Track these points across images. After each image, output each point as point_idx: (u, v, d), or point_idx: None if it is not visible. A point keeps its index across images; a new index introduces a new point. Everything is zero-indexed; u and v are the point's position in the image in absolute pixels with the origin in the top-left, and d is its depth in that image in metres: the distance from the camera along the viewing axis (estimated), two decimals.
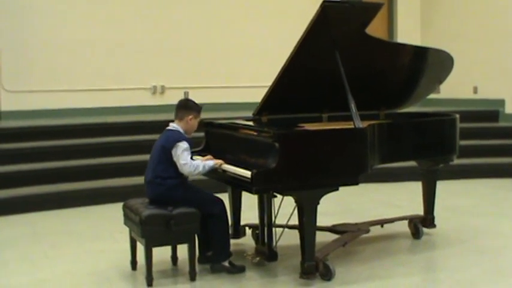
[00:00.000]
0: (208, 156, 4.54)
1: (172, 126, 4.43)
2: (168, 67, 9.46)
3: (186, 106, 4.47)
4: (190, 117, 4.41)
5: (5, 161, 7.05)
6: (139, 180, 4.50)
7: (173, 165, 4.28)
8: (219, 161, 4.39)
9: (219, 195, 4.49)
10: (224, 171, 4.35)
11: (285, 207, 4.43)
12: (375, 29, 5.45)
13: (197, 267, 4.34)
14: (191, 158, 4.33)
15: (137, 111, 9.04)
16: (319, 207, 4.08)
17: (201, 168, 4.30)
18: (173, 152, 4.26)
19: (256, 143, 4.30)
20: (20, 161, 7.13)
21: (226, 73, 9.79)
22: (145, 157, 4.52)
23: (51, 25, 8.80)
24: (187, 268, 4.30)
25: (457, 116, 5.15)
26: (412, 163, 5.38)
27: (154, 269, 4.20)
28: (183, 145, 4.26)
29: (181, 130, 4.39)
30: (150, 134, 7.32)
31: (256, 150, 4.26)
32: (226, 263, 4.41)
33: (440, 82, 5.51)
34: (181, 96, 8.25)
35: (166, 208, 4.21)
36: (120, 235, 5.14)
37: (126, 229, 4.57)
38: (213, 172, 4.47)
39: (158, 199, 4.30)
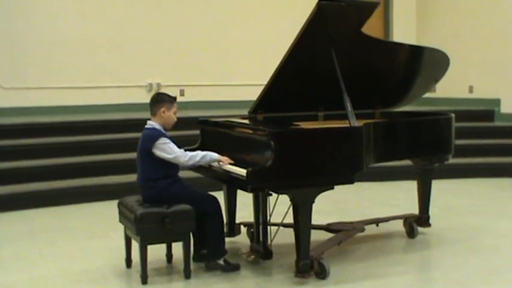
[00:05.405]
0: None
1: (149, 124, 4.38)
2: (164, 65, 9.45)
3: (156, 100, 4.39)
4: (162, 109, 4.34)
5: (1, 158, 7.04)
6: (134, 177, 4.49)
7: (160, 165, 4.24)
8: (225, 158, 4.29)
9: (214, 194, 4.48)
10: (220, 169, 4.34)
11: (280, 206, 4.43)
12: (371, 28, 5.44)
13: (192, 265, 4.34)
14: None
15: (133, 109, 9.01)
16: (314, 206, 4.08)
17: (198, 158, 4.25)
18: (155, 153, 4.22)
19: (252, 141, 4.29)
20: (15, 158, 7.12)
21: (222, 71, 9.80)
22: None
23: (47, 22, 8.78)
24: (182, 266, 4.29)
25: (453, 115, 5.16)
26: (407, 162, 5.38)
27: (149, 266, 4.20)
28: (162, 141, 4.22)
29: (157, 126, 4.33)
30: None
31: (252, 148, 4.26)
32: (221, 261, 4.40)
33: (436, 81, 5.51)
34: (178, 94, 8.28)
35: (161, 206, 4.19)
36: (115, 233, 5.13)
37: (121, 227, 4.56)
38: (208, 170, 4.47)
39: (153, 200, 4.29)
